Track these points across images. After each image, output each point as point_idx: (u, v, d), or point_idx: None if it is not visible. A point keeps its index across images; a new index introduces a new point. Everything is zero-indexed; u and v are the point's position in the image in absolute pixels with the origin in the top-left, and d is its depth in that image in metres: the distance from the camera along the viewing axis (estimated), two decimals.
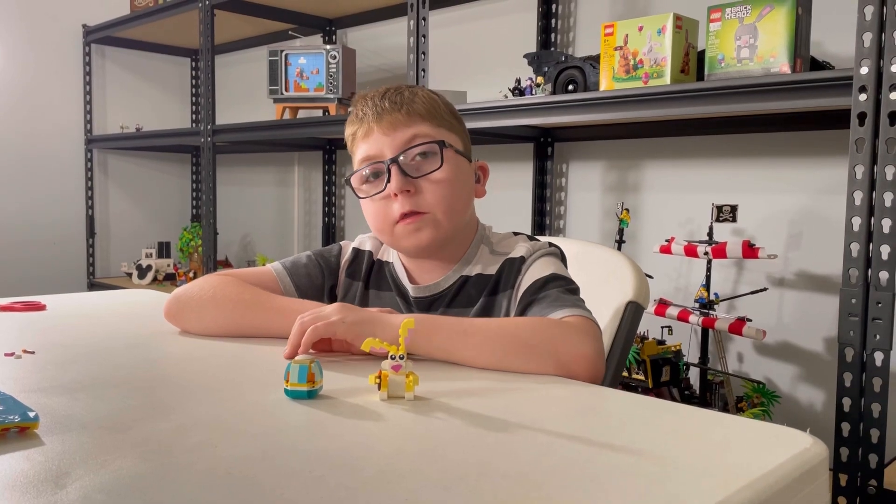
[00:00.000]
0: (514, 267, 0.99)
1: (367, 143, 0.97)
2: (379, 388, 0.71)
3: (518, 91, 1.83)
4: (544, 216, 2.19)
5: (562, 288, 0.93)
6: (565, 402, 0.74)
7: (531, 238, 1.06)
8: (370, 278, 1.08)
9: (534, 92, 1.75)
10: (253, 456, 0.56)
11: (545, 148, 2.17)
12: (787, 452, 0.60)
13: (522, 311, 0.94)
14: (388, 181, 0.95)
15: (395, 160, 0.95)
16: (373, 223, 1.01)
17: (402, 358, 0.72)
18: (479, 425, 0.64)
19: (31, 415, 0.59)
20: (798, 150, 1.74)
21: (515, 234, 1.07)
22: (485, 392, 0.75)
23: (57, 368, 0.81)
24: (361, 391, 0.73)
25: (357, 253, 1.10)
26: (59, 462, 0.53)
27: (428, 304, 1.03)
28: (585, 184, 2.15)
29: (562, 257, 1.03)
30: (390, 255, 1.08)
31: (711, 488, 0.52)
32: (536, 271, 0.96)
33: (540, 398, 0.75)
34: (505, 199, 2.33)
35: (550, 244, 1.04)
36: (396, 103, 0.97)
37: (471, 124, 1.81)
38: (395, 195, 0.95)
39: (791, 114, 1.60)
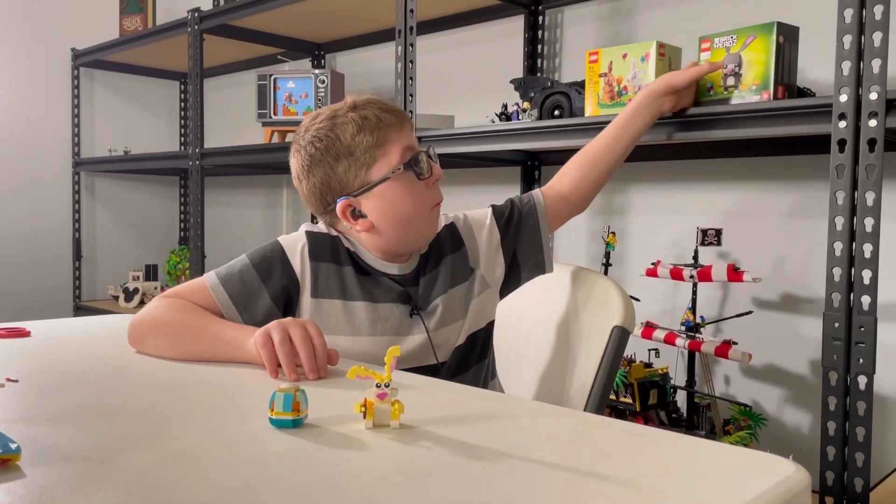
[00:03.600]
0: (453, 230, 1.17)
1: (404, 134, 1.08)
2: (364, 417, 0.71)
3: (505, 116, 1.85)
4: None
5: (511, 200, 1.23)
6: (551, 429, 0.74)
7: None
8: (340, 257, 1.11)
9: (520, 117, 1.77)
10: (236, 487, 0.56)
11: (532, 171, 2.18)
12: (770, 480, 0.60)
13: (517, 229, 1.19)
14: (430, 168, 1.08)
15: (429, 150, 1.09)
16: (412, 209, 1.08)
17: (387, 386, 0.72)
18: (464, 454, 0.64)
19: (13, 446, 0.59)
20: (781, 174, 1.77)
21: None
22: (471, 420, 0.75)
23: (41, 397, 0.80)
24: (347, 419, 0.72)
25: (313, 236, 1.12)
26: (41, 495, 0.53)
27: (412, 279, 1.12)
28: None
29: None
30: (351, 245, 1.12)
31: None
32: (480, 217, 1.20)
33: (526, 426, 0.75)
34: None
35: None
36: (401, 110, 1.13)
37: (459, 148, 1.83)
38: (435, 182, 1.09)
39: (775, 139, 1.62)
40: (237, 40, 2.75)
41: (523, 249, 1.18)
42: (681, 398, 1.80)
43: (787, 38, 1.32)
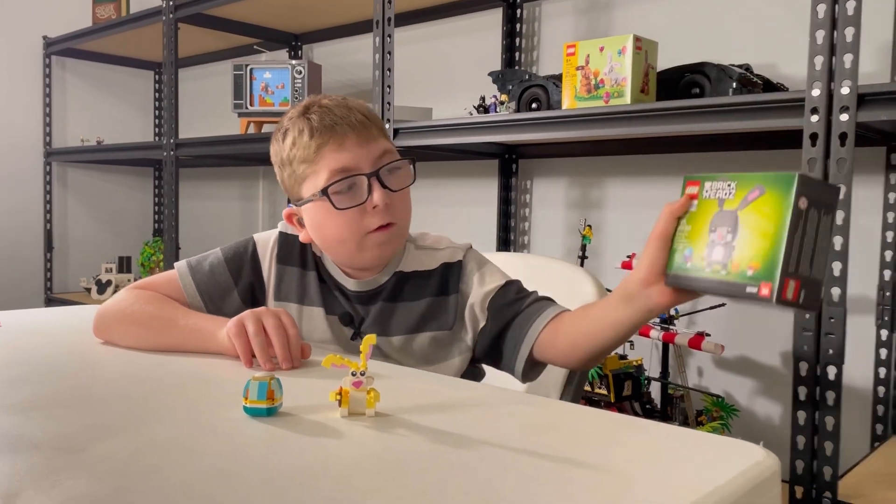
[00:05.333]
0: (453, 271, 1.06)
1: (341, 154, 0.98)
2: (339, 405, 0.71)
3: (483, 108, 1.85)
4: (509, 232, 2.20)
5: (527, 291, 1.04)
6: (528, 418, 0.75)
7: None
8: (306, 261, 1.09)
9: (498, 109, 1.77)
10: (209, 475, 0.55)
11: (510, 164, 2.19)
12: (740, 465, 0.61)
13: (505, 323, 1.00)
14: (370, 193, 0.97)
15: (376, 174, 0.98)
16: (338, 234, 1.01)
17: (363, 374, 0.71)
18: (440, 442, 0.64)
19: None
20: (756, 168, 1.78)
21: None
22: (446, 408, 0.75)
23: (10, 387, 0.79)
24: (322, 408, 0.72)
25: (286, 238, 1.10)
26: (10, 483, 0.52)
27: (367, 299, 1.06)
28: (549, 200, 2.18)
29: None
30: (318, 250, 1.09)
31: (665, 502, 0.53)
32: (489, 278, 1.04)
33: (502, 414, 0.75)
34: (470, 214, 2.35)
35: (470, 245, 1.12)
36: (367, 117, 1.01)
37: (437, 140, 1.82)
38: (375, 207, 0.97)
39: (749, 133, 1.64)
40: (213, 30, 2.72)
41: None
42: (655, 389, 1.81)
43: (816, 202, 0.72)
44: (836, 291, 1.20)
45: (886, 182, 1.55)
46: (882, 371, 1.56)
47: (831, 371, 1.20)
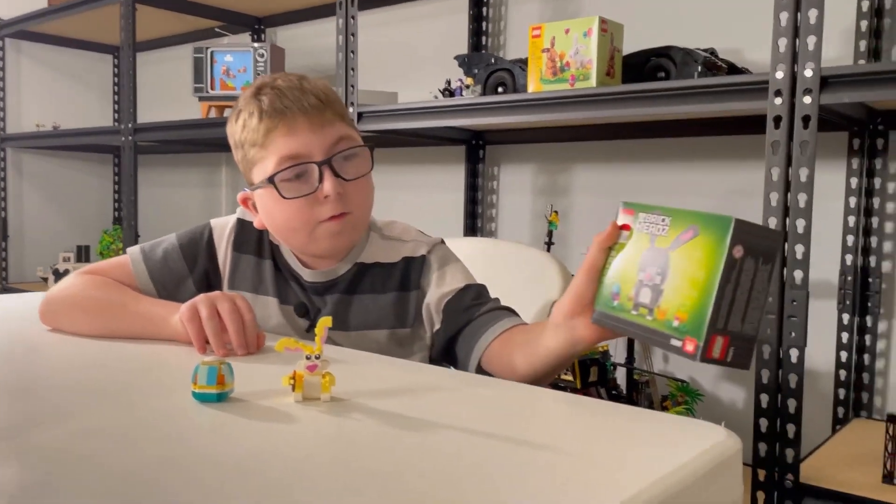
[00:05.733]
0: (415, 266, 1.02)
1: (290, 140, 0.93)
2: (293, 390, 0.68)
3: (448, 92, 1.83)
4: (476, 219, 2.19)
5: (486, 298, 0.99)
6: (488, 401, 0.73)
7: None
8: (262, 249, 1.05)
9: (463, 93, 1.75)
10: (151, 462, 0.53)
11: (477, 151, 2.17)
12: (701, 445, 0.60)
13: (457, 329, 0.96)
14: (321, 182, 0.93)
15: (328, 162, 0.93)
16: (288, 223, 0.97)
17: (317, 358, 0.69)
18: (397, 426, 0.62)
19: None
20: (720, 154, 1.79)
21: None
22: (405, 392, 0.73)
23: None
24: (275, 393, 0.70)
25: (243, 225, 1.06)
26: None
27: (323, 290, 1.02)
28: (516, 186, 2.16)
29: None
30: (275, 238, 1.05)
31: (625, 482, 0.51)
32: (450, 279, 1.00)
33: (463, 398, 0.73)
34: (437, 201, 2.32)
35: (441, 240, 1.07)
36: (321, 100, 0.96)
37: (401, 124, 1.80)
38: (326, 197, 0.93)
39: (715, 118, 1.64)
40: (173, 11, 2.65)
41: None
42: (620, 375, 1.81)
43: (754, 250, 0.65)
44: (798, 274, 1.20)
45: (848, 167, 1.56)
46: (843, 355, 1.58)
47: (794, 354, 1.20)
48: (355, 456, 0.55)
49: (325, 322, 0.71)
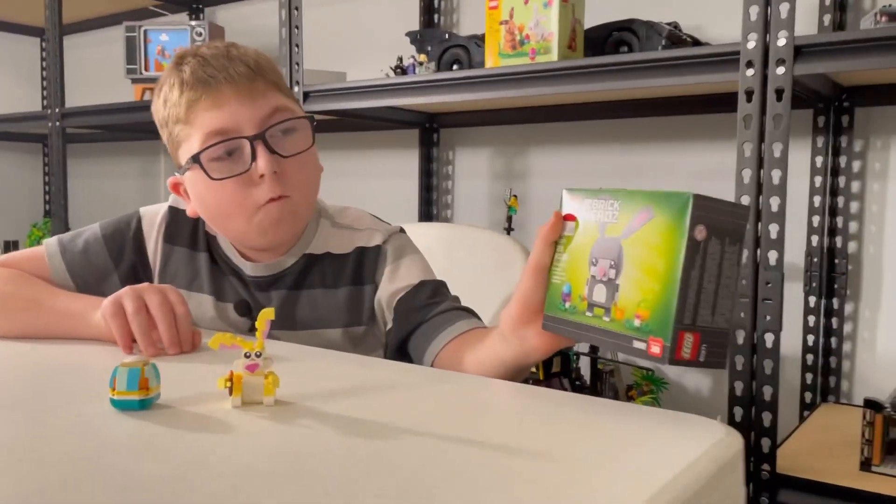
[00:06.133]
0: (369, 258, 0.92)
1: (216, 114, 0.83)
2: (230, 394, 0.59)
3: (400, 70, 1.73)
4: (431, 205, 2.10)
5: (443, 296, 0.90)
6: (454, 399, 0.64)
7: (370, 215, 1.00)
8: (197, 240, 0.95)
9: (417, 71, 1.65)
10: (54, 483, 0.43)
11: (430, 134, 2.08)
12: (701, 445, 0.53)
13: (409, 330, 0.87)
14: (254, 160, 0.82)
15: (261, 136, 0.83)
16: (221, 209, 0.87)
17: (258, 356, 0.59)
18: (353, 432, 0.53)
19: None
20: (687, 134, 1.73)
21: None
22: (361, 392, 0.64)
23: None
24: (209, 398, 0.60)
25: (175, 213, 0.95)
26: None
27: (268, 285, 0.92)
28: (472, 171, 2.08)
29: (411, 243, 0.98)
30: (212, 228, 0.95)
31: (625, 493, 0.43)
32: (404, 274, 0.90)
33: (426, 397, 0.64)
34: (389, 188, 2.23)
35: (401, 229, 0.98)
36: (251, 68, 0.85)
37: (351, 104, 1.69)
38: (262, 176, 0.82)
39: (684, 96, 1.58)
40: None
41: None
42: (584, 365, 1.75)
43: (718, 229, 0.56)
44: (773, 255, 1.15)
45: (813, 145, 1.52)
46: (810, 339, 1.54)
47: (769, 338, 1.15)
48: (304, 471, 0.46)
49: (266, 314, 0.61)
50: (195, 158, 0.83)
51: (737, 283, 0.58)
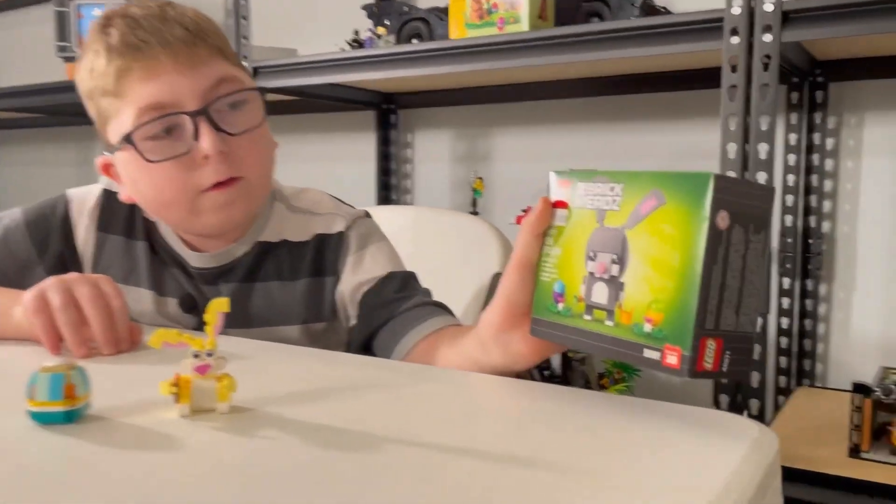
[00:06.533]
0: (330, 245, 0.83)
1: (151, 85, 0.71)
2: (177, 401, 0.49)
3: (357, 44, 1.63)
4: (390, 190, 2.00)
5: (413, 289, 0.81)
6: (440, 400, 0.56)
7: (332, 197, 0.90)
8: (134, 228, 0.84)
9: (374, 44, 1.55)
10: None
11: (388, 115, 1.98)
12: (740, 448, 0.45)
13: (376, 327, 0.79)
14: (196, 138, 0.72)
15: (204, 111, 0.72)
16: (160, 195, 0.76)
17: (210, 355, 0.50)
18: (326, 444, 0.44)
19: None
20: (665, 112, 1.66)
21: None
22: (334, 395, 0.55)
23: None
24: (151, 407, 0.50)
25: (109, 197, 0.84)
26: None
27: (216, 277, 0.82)
28: (433, 154, 1.99)
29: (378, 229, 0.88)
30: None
31: None
32: (369, 264, 0.81)
33: (409, 399, 0.55)
34: (345, 173, 2.12)
35: (366, 213, 0.88)
36: (191, 31, 0.74)
37: (303, 81, 1.58)
38: (206, 157, 0.72)
39: (657, 73, 1.51)
40: None
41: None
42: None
43: (741, 214, 0.47)
44: None
45: (787, 123, 1.48)
46: (785, 321, 1.50)
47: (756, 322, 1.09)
48: (270, 492, 0.37)
49: (219, 305, 0.52)
50: (128, 138, 0.72)
51: (762, 278, 0.49)
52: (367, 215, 0.88)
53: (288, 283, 0.82)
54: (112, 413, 0.49)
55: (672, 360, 0.47)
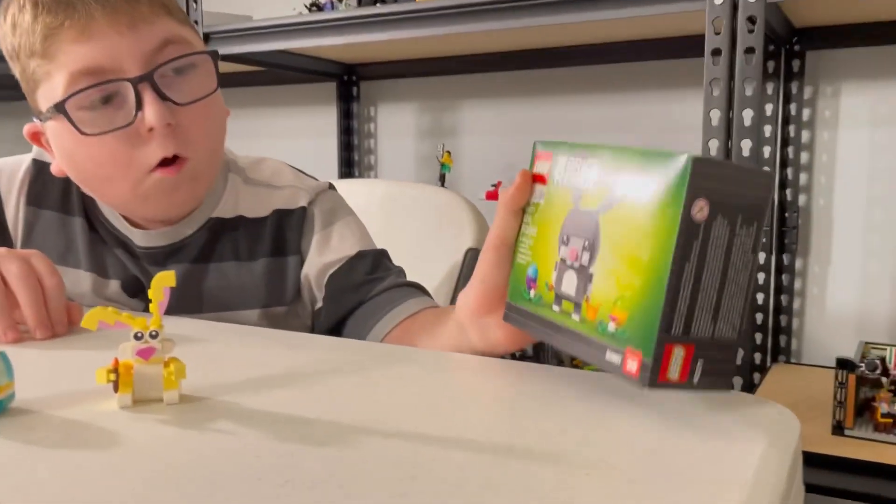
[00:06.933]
0: (292, 222, 0.76)
1: (87, 47, 0.63)
2: (116, 390, 0.42)
3: (317, 7, 1.54)
4: (352, 167, 1.92)
5: (385, 269, 0.76)
6: (424, 385, 0.49)
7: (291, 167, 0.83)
8: (70, 203, 0.76)
9: (335, 7, 1.47)
10: None
11: (349, 87, 1.89)
12: (765, 434, 0.40)
13: (346, 312, 0.73)
14: (139, 109, 0.63)
15: (148, 77, 0.64)
16: (97, 172, 0.68)
17: (154, 336, 0.43)
18: (292, 438, 0.38)
19: None
20: (645, 83, 1.61)
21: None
22: (297, 380, 0.48)
23: None
24: (86, 397, 0.44)
25: (41, 168, 0.76)
26: None
27: (164, 257, 0.74)
28: (398, 128, 1.91)
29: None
30: None
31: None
32: (337, 243, 0.75)
33: (386, 384, 0.49)
34: (305, 148, 2.03)
35: (329, 185, 0.81)
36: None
37: (258, 47, 1.49)
38: (151, 130, 0.64)
39: (633, 41, 1.46)
40: None
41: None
42: None
43: (727, 205, 0.40)
44: None
45: (763, 92, 1.44)
46: (760, 297, 1.47)
47: None
48: (223, 496, 0.31)
49: (164, 279, 0.44)
50: (59, 107, 0.63)
51: (750, 279, 0.43)
52: (332, 187, 0.82)
53: (245, 264, 0.75)
54: (40, 405, 0.42)
55: (632, 366, 0.41)
